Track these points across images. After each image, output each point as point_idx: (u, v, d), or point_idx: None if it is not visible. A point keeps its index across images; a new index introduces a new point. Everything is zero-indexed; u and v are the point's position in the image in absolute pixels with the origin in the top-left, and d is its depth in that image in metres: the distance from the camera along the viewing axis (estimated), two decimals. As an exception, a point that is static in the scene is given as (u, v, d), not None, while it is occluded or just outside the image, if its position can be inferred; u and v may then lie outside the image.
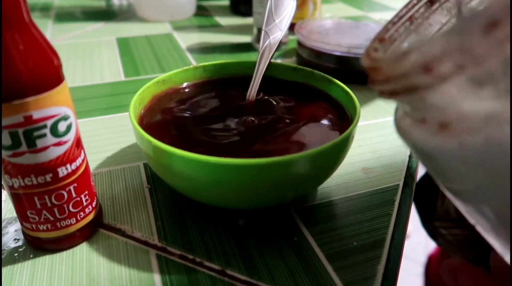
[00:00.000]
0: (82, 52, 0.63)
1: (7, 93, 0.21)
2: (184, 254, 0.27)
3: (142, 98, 0.33)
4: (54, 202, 0.25)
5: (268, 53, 0.38)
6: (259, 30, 0.63)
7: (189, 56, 0.62)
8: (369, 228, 0.29)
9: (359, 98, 0.31)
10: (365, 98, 0.48)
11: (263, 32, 0.39)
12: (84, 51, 0.63)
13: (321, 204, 0.32)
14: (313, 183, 0.30)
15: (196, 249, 0.27)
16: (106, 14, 0.83)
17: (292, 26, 0.60)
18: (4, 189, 0.30)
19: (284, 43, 0.65)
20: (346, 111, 0.33)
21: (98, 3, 0.92)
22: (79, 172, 0.26)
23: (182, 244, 0.28)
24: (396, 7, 0.87)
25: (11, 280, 0.25)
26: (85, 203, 0.27)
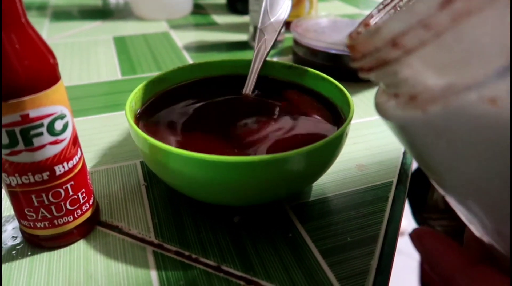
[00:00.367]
0: (78, 51, 0.63)
1: (4, 92, 0.21)
2: (180, 251, 0.27)
3: (139, 97, 0.34)
4: (51, 200, 0.25)
5: (264, 51, 0.38)
6: (255, 28, 0.63)
7: (185, 54, 0.62)
8: (363, 224, 0.30)
9: (353, 96, 0.32)
10: (360, 96, 0.48)
11: (258, 30, 0.39)
12: (81, 50, 0.63)
13: (315, 200, 0.32)
14: (308, 180, 0.30)
15: (192, 246, 0.28)
16: (102, 13, 0.83)
17: (288, 24, 0.61)
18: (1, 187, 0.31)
19: (280, 41, 0.65)
20: (340, 109, 0.33)
21: (94, 1, 0.92)
22: (76, 170, 0.26)
23: (178, 241, 0.28)
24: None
25: (9, 277, 0.26)
26: (82, 201, 0.27)
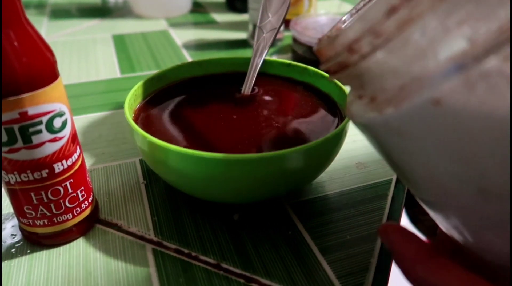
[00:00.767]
0: (77, 49, 0.63)
1: (2, 89, 0.21)
2: (180, 248, 0.27)
3: (137, 95, 0.33)
4: (51, 197, 0.25)
5: (263, 49, 0.38)
6: (254, 27, 0.63)
7: (184, 52, 0.62)
8: (362, 222, 0.30)
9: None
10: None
11: (257, 28, 0.39)
12: (80, 48, 0.63)
13: (315, 198, 0.32)
14: (307, 178, 0.30)
15: (191, 243, 0.28)
16: (101, 11, 0.83)
17: (287, 22, 0.61)
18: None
19: (279, 39, 0.65)
20: (339, 106, 0.33)
21: (93, 0, 0.91)
22: (75, 168, 0.26)
23: (178, 239, 0.28)
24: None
25: (9, 275, 0.26)
26: (81, 199, 0.27)
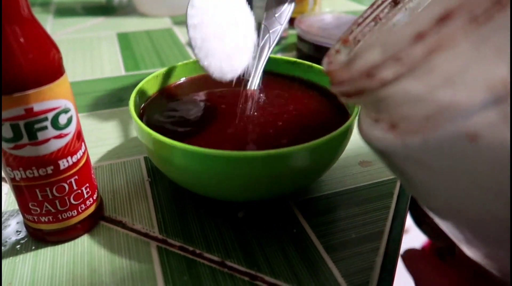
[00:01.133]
0: (82, 47, 0.63)
1: (8, 85, 0.21)
2: (184, 246, 0.27)
3: (142, 92, 0.33)
4: (56, 194, 0.25)
5: (268, 47, 0.38)
6: (259, 24, 0.63)
7: (189, 50, 0.62)
8: (368, 220, 0.30)
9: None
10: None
11: (262, 26, 0.39)
12: (84, 46, 0.63)
13: (320, 196, 0.32)
14: (312, 176, 0.30)
15: (196, 241, 0.28)
16: (106, 9, 0.83)
17: (292, 21, 0.60)
18: (6, 181, 0.31)
19: (284, 38, 0.64)
20: (345, 104, 0.33)
21: (98, -2, 0.92)
22: (80, 164, 0.26)
23: (182, 236, 0.28)
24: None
25: (13, 271, 0.26)
26: (86, 196, 0.27)
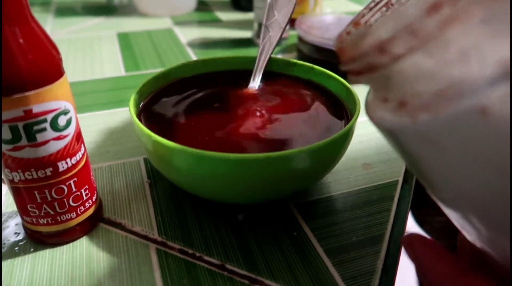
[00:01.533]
0: (82, 47, 0.63)
1: (7, 87, 0.21)
2: (184, 249, 0.27)
3: (142, 93, 0.33)
4: (54, 196, 0.25)
5: (269, 48, 0.38)
6: (259, 25, 0.62)
7: (189, 51, 0.62)
8: (369, 223, 0.29)
9: (359, 94, 0.31)
10: (366, 94, 0.48)
11: (263, 27, 0.39)
12: (85, 46, 0.63)
13: (320, 199, 0.32)
14: (313, 178, 0.30)
15: (195, 244, 0.28)
16: (106, 9, 0.83)
17: (292, 21, 0.60)
18: (4, 183, 0.31)
19: (284, 39, 0.64)
20: (346, 107, 0.33)
21: (98, -3, 0.91)
22: (79, 166, 0.26)
23: (182, 239, 0.28)
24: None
25: (12, 273, 0.25)
26: (85, 198, 0.27)
